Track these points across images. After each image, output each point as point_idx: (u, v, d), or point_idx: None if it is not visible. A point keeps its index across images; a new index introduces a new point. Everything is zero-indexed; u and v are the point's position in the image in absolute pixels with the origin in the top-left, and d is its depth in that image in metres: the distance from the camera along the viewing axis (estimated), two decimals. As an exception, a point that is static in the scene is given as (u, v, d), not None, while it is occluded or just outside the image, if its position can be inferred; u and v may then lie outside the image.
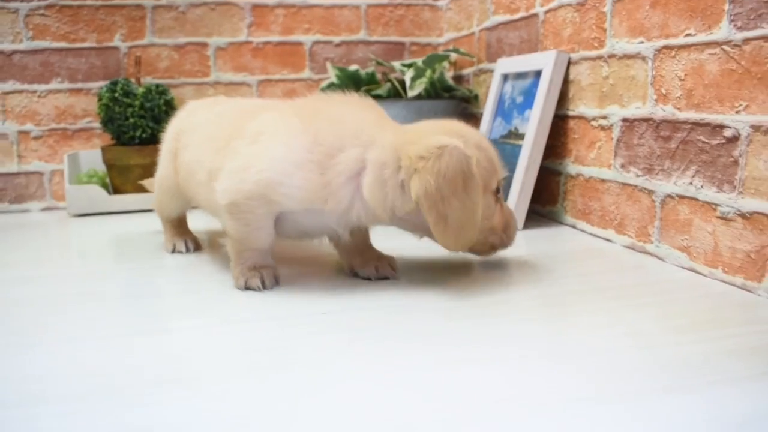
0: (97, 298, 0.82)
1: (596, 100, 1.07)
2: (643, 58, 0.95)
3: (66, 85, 1.61)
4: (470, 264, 0.95)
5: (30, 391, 0.55)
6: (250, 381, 0.56)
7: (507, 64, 1.31)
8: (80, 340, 0.67)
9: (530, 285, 0.84)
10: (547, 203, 1.25)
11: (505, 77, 1.32)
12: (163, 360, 0.61)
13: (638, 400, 0.51)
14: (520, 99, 1.23)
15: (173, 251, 1.06)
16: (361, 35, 1.76)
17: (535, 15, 1.26)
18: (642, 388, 0.53)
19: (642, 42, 0.95)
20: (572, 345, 0.63)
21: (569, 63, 1.14)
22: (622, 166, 1.01)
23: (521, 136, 1.19)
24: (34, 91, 1.60)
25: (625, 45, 0.99)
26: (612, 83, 1.03)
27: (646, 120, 0.95)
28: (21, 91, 1.59)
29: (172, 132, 1.04)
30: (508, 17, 1.38)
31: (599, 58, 1.06)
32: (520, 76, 1.26)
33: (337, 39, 1.75)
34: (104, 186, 1.54)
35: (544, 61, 1.15)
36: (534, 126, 1.14)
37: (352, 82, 1.56)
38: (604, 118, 1.05)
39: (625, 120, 1.00)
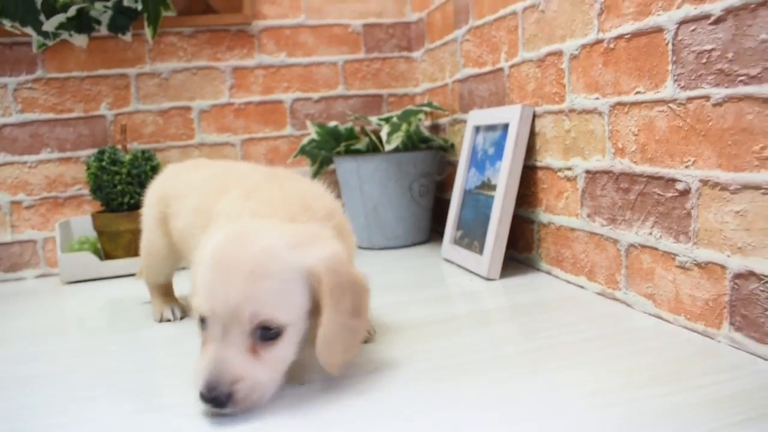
0: (89, 376, 0.85)
1: (561, 152, 1.12)
2: (600, 113, 1.00)
3: (55, 154, 1.66)
4: (451, 319, 0.98)
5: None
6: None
7: (477, 117, 1.36)
8: (67, 426, 0.70)
9: (504, 341, 0.87)
10: (523, 250, 1.29)
11: (477, 129, 1.37)
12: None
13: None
14: (491, 150, 1.28)
15: (161, 320, 1.10)
16: (340, 90, 1.82)
17: (501, 69, 1.31)
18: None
19: (598, 98, 1.00)
20: (537, 408, 0.66)
21: (534, 116, 1.19)
22: (588, 215, 1.05)
23: (494, 187, 1.23)
24: (25, 162, 1.65)
25: (583, 100, 1.04)
26: (574, 136, 1.07)
27: (606, 172, 1.00)
28: (12, 163, 1.64)
29: (156, 197, 1.07)
30: (476, 70, 1.43)
31: (561, 112, 1.11)
32: (490, 128, 1.31)
33: (316, 95, 1.80)
34: (96, 251, 1.58)
35: (511, 114, 1.20)
36: (504, 177, 1.18)
37: (332, 137, 1.61)
38: (569, 169, 1.09)
39: (588, 171, 1.04)
